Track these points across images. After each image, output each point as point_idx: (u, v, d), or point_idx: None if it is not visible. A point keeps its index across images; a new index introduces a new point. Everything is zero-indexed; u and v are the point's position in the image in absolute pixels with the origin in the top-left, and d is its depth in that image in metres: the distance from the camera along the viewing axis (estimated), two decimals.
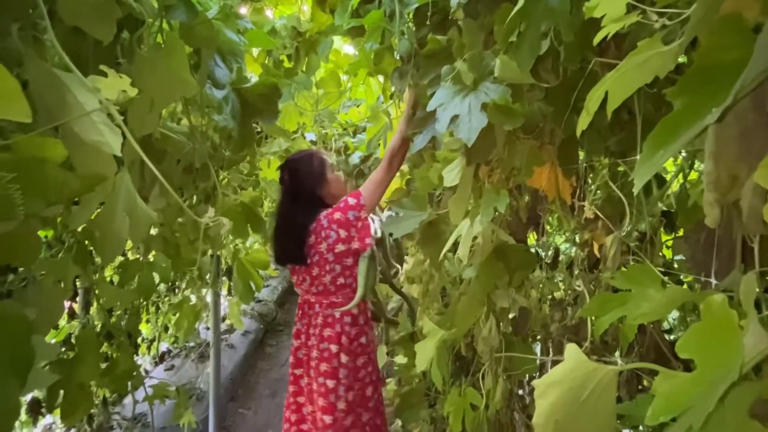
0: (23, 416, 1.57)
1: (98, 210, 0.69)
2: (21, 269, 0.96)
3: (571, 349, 0.46)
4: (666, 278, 0.63)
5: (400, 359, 1.48)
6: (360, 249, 1.48)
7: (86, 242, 0.78)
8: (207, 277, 1.38)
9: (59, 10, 0.53)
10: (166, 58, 0.71)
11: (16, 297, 0.64)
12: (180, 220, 1.23)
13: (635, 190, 0.33)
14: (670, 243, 0.91)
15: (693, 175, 0.85)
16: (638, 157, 0.66)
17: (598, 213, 0.67)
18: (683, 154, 0.78)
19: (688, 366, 0.75)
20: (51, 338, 1.63)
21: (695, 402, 0.26)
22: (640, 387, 0.89)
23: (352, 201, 1.48)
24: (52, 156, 0.47)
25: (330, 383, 1.55)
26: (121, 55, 0.81)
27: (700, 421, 0.21)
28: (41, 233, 1.14)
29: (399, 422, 2.30)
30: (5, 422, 0.45)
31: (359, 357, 1.56)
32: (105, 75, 0.49)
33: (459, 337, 0.94)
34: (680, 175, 0.81)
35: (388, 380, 2.34)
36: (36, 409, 1.56)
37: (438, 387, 0.99)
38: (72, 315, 1.74)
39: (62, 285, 0.67)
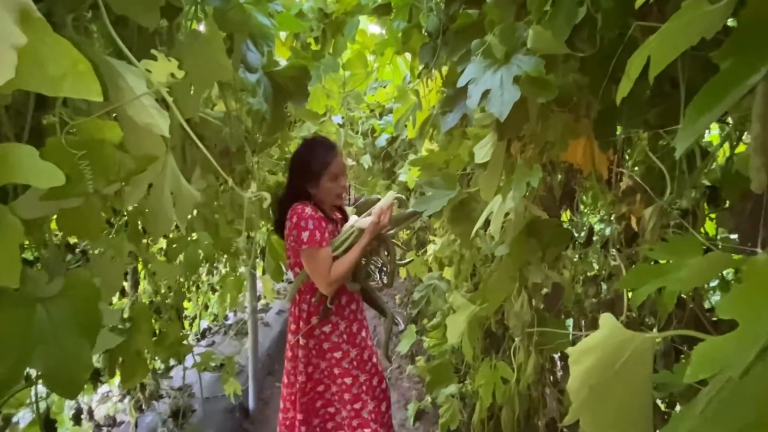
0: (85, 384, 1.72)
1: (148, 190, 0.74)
2: (78, 249, 1.05)
3: (606, 318, 0.47)
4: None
5: (429, 340, 1.50)
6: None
7: (137, 221, 0.84)
8: (242, 257, 1.44)
9: (108, 0, 0.56)
10: (204, 44, 0.74)
11: (86, 267, 0.70)
12: (218, 202, 1.28)
13: (677, 155, 0.33)
14: (713, 217, 0.87)
15: (741, 147, 0.80)
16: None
17: (639, 181, 0.65)
18: (730, 122, 0.74)
19: None
20: None
21: (734, 359, 0.26)
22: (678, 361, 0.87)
23: (304, 235, 1.40)
24: (110, 137, 0.51)
25: (288, 365, 1.64)
26: (160, 42, 0.84)
27: (739, 371, 0.21)
28: None
29: (429, 398, 2.35)
30: (80, 376, 0.51)
31: (323, 342, 1.57)
32: (154, 59, 0.52)
33: (490, 312, 0.95)
34: (727, 147, 0.77)
35: (417, 357, 2.39)
36: (95, 377, 1.70)
37: (468, 360, 1.01)
38: (122, 293, 1.87)
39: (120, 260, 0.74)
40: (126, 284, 1.82)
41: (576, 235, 1.22)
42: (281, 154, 2.10)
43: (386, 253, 1.56)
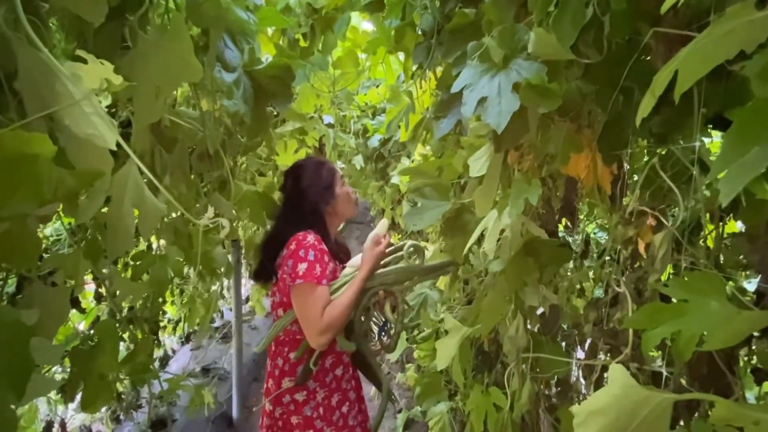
0: (55, 396, 1.63)
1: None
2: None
3: (616, 372, 0.40)
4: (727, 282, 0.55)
5: (420, 352, 1.44)
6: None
7: (98, 236, 0.77)
8: (221, 269, 1.34)
9: None
10: (171, 41, 0.67)
11: (25, 296, 0.62)
12: (197, 205, 1.20)
13: (722, 203, 0.26)
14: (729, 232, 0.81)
15: None
16: (696, 142, 0.58)
17: (647, 209, 0.59)
18: None
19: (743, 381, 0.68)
20: (79, 321, 1.68)
21: None
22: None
23: (300, 268, 1.17)
24: (43, 152, 0.43)
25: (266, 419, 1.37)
26: (130, 38, 0.76)
27: None
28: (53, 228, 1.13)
29: (419, 408, 2.30)
30: None
31: (292, 415, 1.29)
32: (85, 62, 0.44)
33: (483, 335, 0.89)
34: None
35: (407, 365, 2.33)
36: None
37: (458, 385, 0.95)
38: (99, 298, 1.78)
39: (72, 281, 0.66)
40: (103, 289, 1.74)
41: (572, 244, 1.17)
42: (269, 154, 2.02)
43: (392, 310, 1.29)
